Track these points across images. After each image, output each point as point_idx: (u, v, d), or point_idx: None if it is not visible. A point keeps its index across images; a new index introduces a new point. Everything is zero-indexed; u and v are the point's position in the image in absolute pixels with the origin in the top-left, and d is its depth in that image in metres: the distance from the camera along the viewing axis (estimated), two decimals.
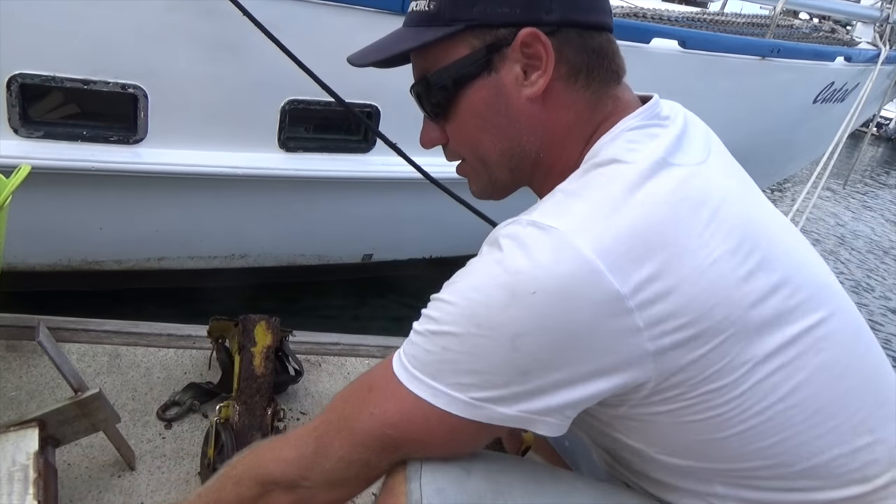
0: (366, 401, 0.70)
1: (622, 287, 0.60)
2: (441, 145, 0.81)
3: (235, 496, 0.76)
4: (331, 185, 2.63)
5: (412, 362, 0.67)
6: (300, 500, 0.74)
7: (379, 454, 0.70)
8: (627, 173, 0.65)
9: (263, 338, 1.43)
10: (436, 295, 0.68)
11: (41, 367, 1.48)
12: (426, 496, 0.69)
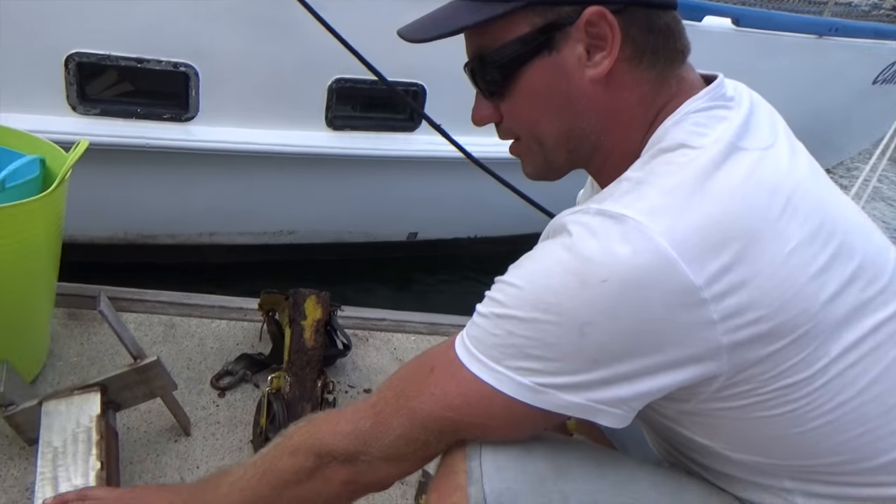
0: (427, 381, 0.69)
1: (697, 278, 0.58)
2: (494, 123, 0.79)
3: (291, 466, 0.77)
4: (376, 164, 2.65)
5: (476, 345, 0.66)
6: (356, 473, 0.74)
7: (438, 436, 0.70)
8: (698, 160, 0.62)
9: (313, 312, 1.45)
10: (501, 277, 0.67)
11: (101, 335, 1.54)
12: (486, 475, 0.68)
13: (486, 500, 0.67)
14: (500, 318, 0.65)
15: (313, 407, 1.29)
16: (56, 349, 1.47)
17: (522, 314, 0.63)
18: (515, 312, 0.63)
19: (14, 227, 1.15)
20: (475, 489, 0.67)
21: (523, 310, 0.63)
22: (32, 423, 1.14)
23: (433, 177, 2.83)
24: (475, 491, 0.67)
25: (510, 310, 0.64)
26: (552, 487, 0.68)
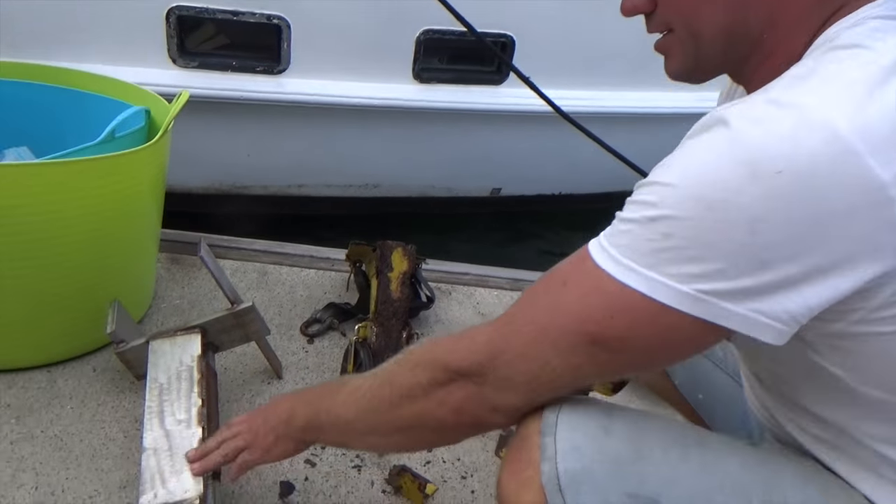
0: (561, 295, 0.64)
1: (884, 172, 0.51)
2: (644, 14, 0.71)
3: (409, 381, 0.75)
4: (462, 118, 2.62)
5: (623, 252, 0.60)
6: (470, 397, 0.71)
7: (567, 355, 0.64)
8: (880, 60, 0.56)
9: (400, 264, 1.47)
10: (645, 180, 0.61)
11: (201, 280, 1.62)
12: (561, 452, 0.66)
13: (559, 479, 0.65)
14: (653, 220, 0.59)
15: None
16: (160, 292, 1.56)
17: (682, 213, 0.57)
18: (673, 212, 0.57)
19: (123, 175, 1.22)
20: (548, 466, 0.66)
21: (683, 209, 0.57)
22: (140, 360, 1.22)
23: (519, 132, 2.78)
24: (548, 468, 0.66)
25: (666, 210, 0.58)
26: (629, 469, 0.65)
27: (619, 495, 0.64)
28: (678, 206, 0.57)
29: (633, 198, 0.62)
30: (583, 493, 0.64)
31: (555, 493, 0.64)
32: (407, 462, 1.25)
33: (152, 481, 0.99)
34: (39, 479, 1.09)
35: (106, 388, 1.28)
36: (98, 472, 1.12)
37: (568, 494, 0.64)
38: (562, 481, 0.64)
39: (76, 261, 1.22)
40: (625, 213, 0.62)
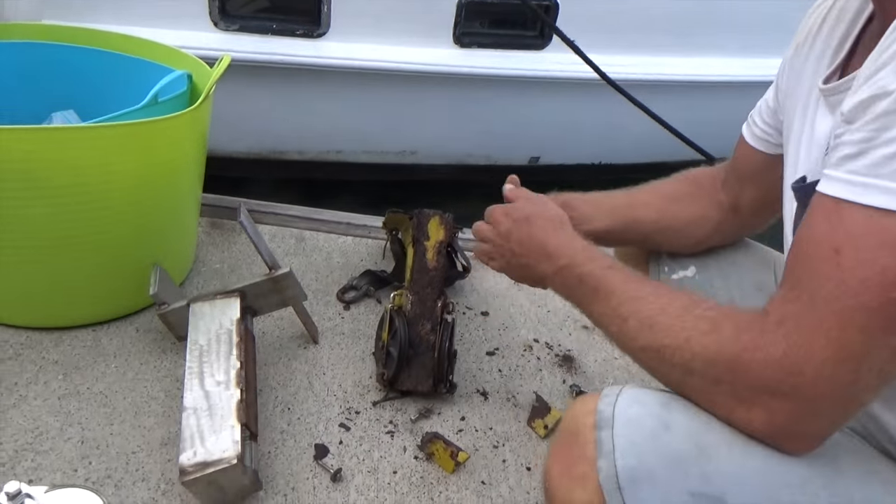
0: (841, 268, 0.55)
1: None
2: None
3: (691, 321, 0.65)
4: (503, 84, 2.58)
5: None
6: (776, 416, 0.60)
7: (881, 336, 0.54)
8: None
9: (436, 233, 1.46)
10: (886, 108, 0.53)
11: (240, 244, 1.64)
12: (619, 449, 0.62)
13: (618, 476, 0.62)
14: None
15: (433, 326, 1.32)
16: (201, 255, 1.59)
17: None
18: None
19: (167, 140, 1.23)
20: (606, 463, 0.62)
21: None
22: (182, 321, 1.24)
23: (560, 99, 2.73)
24: (606, 465, 0.62)
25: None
26: (692, 467, 0.61)
27: (681, 494, 0.61)
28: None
29: (871, 116, 0.54)
30: (643, 492, 0.61)
31: (613, 492, 0.62)
32: (439, 429, 1.26)
33: (192, 440, 1.02)
34: (85, 434, 1.13)
35: (148, 348, 1.31)
36: (140, 429, 1.15)
37: (627, 493, 0.61)
38: (621, 479, 0.62)
39: (120, 223, 1.24)
40: (877, 136, 0.53)
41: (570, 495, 0.65)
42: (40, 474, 1.05)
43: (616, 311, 0.74)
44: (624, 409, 0.65)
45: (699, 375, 0.64)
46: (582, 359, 1.51)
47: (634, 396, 0.67)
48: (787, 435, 0.60)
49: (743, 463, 0.61)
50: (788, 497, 0.61)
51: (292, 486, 1.11)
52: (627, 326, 0.71)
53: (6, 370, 1.21)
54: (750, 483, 0.61)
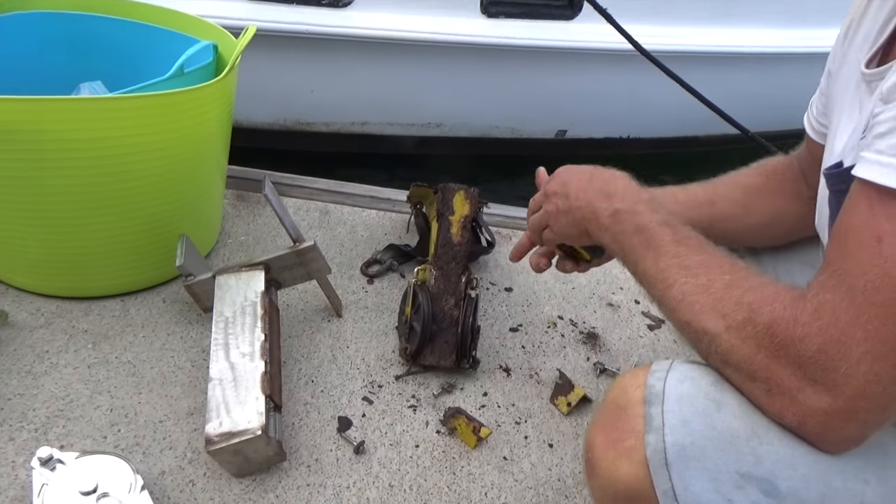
0: (883, 256, 0.52)
1: None
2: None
3: (731, 307, 0.63)
4: (531, 55, 2.53)
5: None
6: (812, 413, 0.58)
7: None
8: None
9: (461, 207, 1.45)
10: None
11: (265, 217, 1.64)
12: (669, 425, 0.61)
13: (666, 451, 0.61)
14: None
15: (457, 301, 1.32)
16: (227, 228, 1.59)
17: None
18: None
19: (192, 111, 1.22)
20: (654, 438, 0.62)
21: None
22: (208, 293, 1.25)
23: (589, 70, 2.67)
24: (654, 440, 0.62)
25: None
26: (743, 448, 0.60)
27: (730, 474, 0.60)
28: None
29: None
30: (691, 470, 0.60)
31: (660, 468, 0.61)
32: (462, 405, 1.26)
33: (217, 410, 1.03)
34: (114, 402, 1.15)
35: (175, 318, 1.33)
36: (167, 399, 1.17)
37: (674, 470, 0.61)
38: (669, 455, 0.61)
39: (147, 194, 1.25)
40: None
41: (615, 467, 0.65)
42: (71, 440, 1.08)
43: (662, 275, 0.71)
44: (675, 385, 0.64)
45: (734, 368, 0.63)
46: (606, 336, 1.49)
47: (685, 373, 0.66)
48: (821, 435, 0.59)
49: (796, 446, 0.60)
50: (841, 482, 0.60)
51: (316, 457, 1.12)
52: (670, 295, 0.69)
53: (38, 338, 1.24)
54: (802, 466, 0.59)
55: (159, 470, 1.06)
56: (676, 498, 0.61)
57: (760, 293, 0.62)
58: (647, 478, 0.62)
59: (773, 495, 0.59)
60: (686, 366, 0.67)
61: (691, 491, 0.60)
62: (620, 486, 0.65)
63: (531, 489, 1.14)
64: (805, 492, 0.59)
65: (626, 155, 3.17)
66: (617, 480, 0.65)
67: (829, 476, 0.60)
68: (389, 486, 1.10)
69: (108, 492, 0.93)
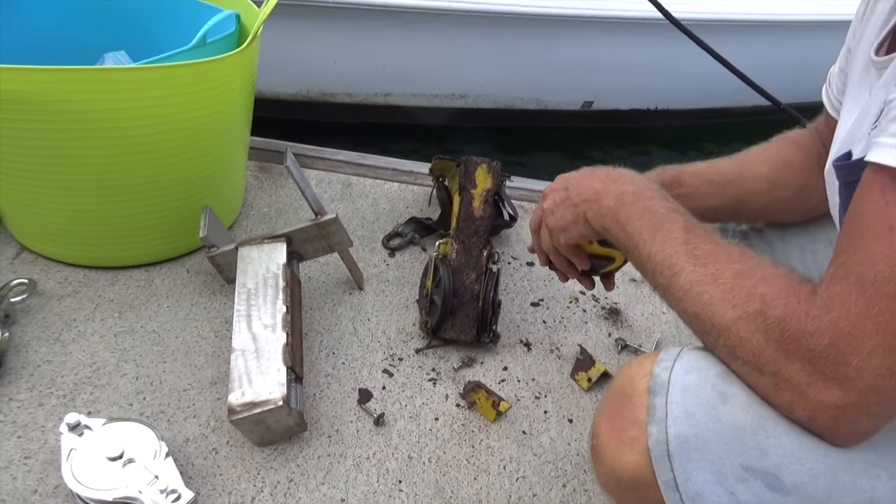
0: (893, 246, 0.51)
1: None
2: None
3: (742, 297, 0.61)
4: (556, 24, 2.48)
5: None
6: (822, 405, 0.56)
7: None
8: None
9: (484, 181, 1.44)
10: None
11: (287, 189, 1.64)
12: (672, 416, 0.60)
13: (668, 443, 0.60)
14: None
15: (478, 275, 1.31)
16: (249, 199, 1.60)
17: None
18: None
19: (215, 81, 1.22)
20: (657, 429, 0.61)
21: None
22: (231, 264, 1.26)
23: (616, 39, 2.62)
24: (657, 431, 0.61)
25: None
26: (748, 441, 0.59)
27: (734, 468, 0.59)
28: None
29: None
30: (693, 462, 0.59)
31: (662, 458, 0.60)
32: (481, 379, 1.27)
33: (240, 380, 1.05)
34: (139, 371, 1.17)
35: (199, 289, 1.34)
36: (191, 368, 1.19)
37: (677, 461, 0.60)
38: (671, 447, 0.60)
39: (172, 165, 1.25)
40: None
41: (618, 456, 0.65)
42: (98, 407, 1.10)
43: (669, 261, 0.68)
44: (680, 375, 0.63)
45: (742, 361, 0.61)
46: (629, 312, 1.48)
47: (692, 362, 0.64)
48: (833, 429, 0.57)
49: (803, 440, 0.58)
50: (849, 478, 0.58)
51: (336, 428, 1.14)
52: (677, 283, 0.66)
53: (66, 307, 1.26)
54: (809, 461, 0.58)
55: (183, 437, 1.08)
56: (678, 489, 0.60)
57: (774, 285, 0.60)
58: (650, 468, 0.61)
59: (778, 489, 0.58)
60: (694, 354, 0.65)
61: (693, 482, 0.60)
62: (623, 475, 0.65)
63: (550, 463, 1.14)
64: (812, 486, 0.58)
65: (653, 127, 3.11)
66: (620, 469, 0.65)
67: (837, 471, 0.58)
68: (409, 458, 1.11)
69: (134, 458, 0.95)
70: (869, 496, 0.58)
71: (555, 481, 1.12)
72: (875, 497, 0.58)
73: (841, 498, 0.58)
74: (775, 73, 2.32)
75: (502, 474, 1.12)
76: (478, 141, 2.85)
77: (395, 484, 1.07)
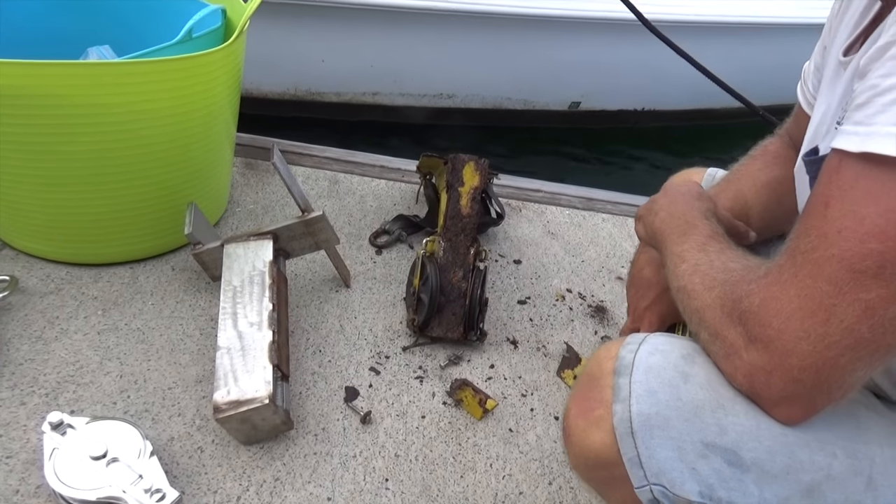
0: (826, 218, 0.53)
1: None
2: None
3: (709, 267, 0.66)
4: (544, 24, 2.49)
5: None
6: (752, 368, 0.58)
7: (850, 291, 0.51)
8: None
9: (471, 178, 1.44)
10: (893, 53, 0.50)
11: (274, 185, 1.64)
12: (635, 395, 0.62)
13: (632, 421, 0.62)
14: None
15: (465, 273, 1.31)
16: (235, 196, 1.59)
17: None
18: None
19: (201, 77, 1.21)
20: (621, 407, 0.63)
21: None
22: (216, 261, 1.25)
23: (603, 41, 2.63)
24: (621, 409, 0.63)
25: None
26: (708, 418, 0.60)
27: (694, 444, 0.60)
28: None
29: (880, 64, 0.51)
30: (656, 438, 0.61)
31: (626, 436, 0.62)
32: (468, 377, 1.26)
33: (225, 379, 1.04)
34: (124, 369, 1.16)
35: (184, 286, 1.33)
36: (176, 366, 1.18)
37: (640, 438, 0.62)
38: (634, 424, 0.62)
39: (156, 161, 1.24)
40: (882, 82, 0.50)
41: (586, 436, 0.66)
42: (81, 406, 1.09)
43: (681, 254, 0.73)
44: (645, 357, 0.65)
45: (705, 330, 0.64)
46: (615, 310, 1.49)
47: (657, 346, 0.66)
48: (764, 395, 0.59)
49: (760, 419, 0.60)
50: (807, 455, 0.60)
51: (323, 426, 1.13)
52: (680, 267, 0.71)
53: (48, 304, 1.24)
54: (767, 438, 0.60)
55: (168, 436, 1.07)
56: (642, 465, 0.62)
57: (745, 262, 0.64)
58: (615, 446, 0.63)
59: (737, 465, 0.60)
60: (659, 339, 0.68)
61: (656, 459, 0.61)
62: (591, 454, 0.66)
63: (536, 461, 1.15)
64: (769, 463, 0.60)
65: (641, 128, 3.13)
66: (588, 448, 0.66)
67: (794, 448, 0.60)
68: (395, 456, 1.11)
69: (118, 457, 0.94)
70: (825, 473, 0.60)
71: (541, 479, 1.12)
72: (831, 473, 0.60)
73: (798, 474, 0.60)
74: (757, 74, 2.35)
75: (489, 472, 1.12)
76: (466, 139, 2.85)
77: (381, 482, 1.07)
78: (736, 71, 2.17)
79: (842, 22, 0.77)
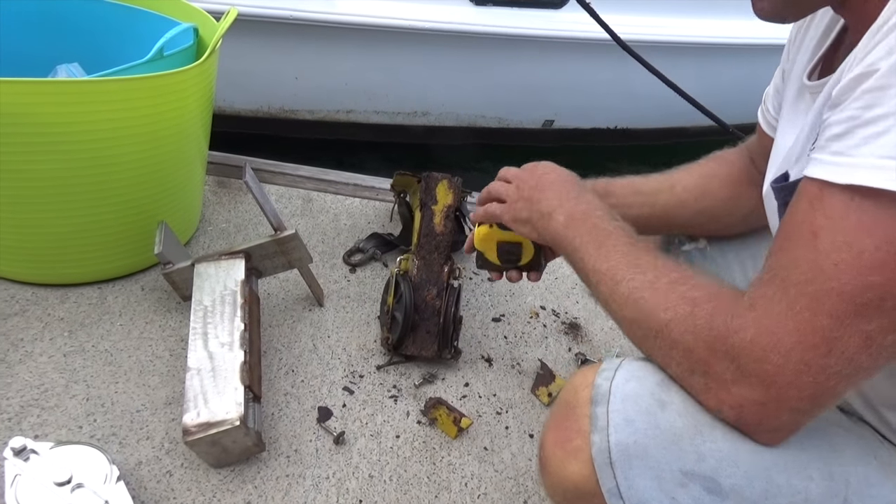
0: (818, 252, 0.52)
1: None
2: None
3: (674, 301, 0.63)
4: (518, 43, 2.52)
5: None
6: (749, 404, 0.58)
7: (854, 324, 0.51)
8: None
9: (445, 197, 1.44)
10: (868, 86, 0.50)
11: (247, 204, 1.62)
12: (613, 424, 0.61)
13: (610, 451, 0.61)
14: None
15: (439, 291, 1.31)
16: (207, 215, 1.57)
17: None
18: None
19: (172, 95, 1.20)
20: (599, 437, 0.62)
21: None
22: (187, 281, 1.24)
23: (577, 60, 2.67)
24: (599, 440, 0.62)
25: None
26: (687, 446, 0.60)
27: (673, 472, 0.60)
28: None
29: (857, 94, 0.51)
30: (635, 468, 0.61)
31: (604, 467, 0.61)
32: (443, 395, 1.26)
33: (195, 400, 1.02)
34: (90, 391, 1.13)
35: (153, 307, 1.31)
36: (145, 388, 1.16)
37: (619, 469, 0.61)
38: (613, 454, 0.61)
39: (126, 180, 1.22)
40: (862, 114, 0.50)
41: (563, 467, 0.65)
42: (45, 430, 1.06)
43: (611, 272, 0.72)
44: (621, 384, 0.64)
45: (676, 363, 0.63)
46: (588, 327, 1.50)
47: (633, 372, 0.66)
48: (756, 425, 0.58)
49: (739, 444, 0.60)
50: (784, 479, 0.60)
51: (295, 447, 1.12)
52: (618, 292, 0.70)
53: (12, 326, 1.21)
54: (745, 464, 0.60)
55: (136, 460, 1.05)
56: (622, 496, 0.61)
57: (705, 289, 0.63)
58: (594, 476, 0.62)
59: (716, 493, 0.60)
60: (635, 364, 0.67)
61: (635, 489, 0.61)
62: (569, 485, 0.65)
63: (511, 479, 1.14)
64: (748, 489, 0.59)
65: (615, 147, 3.17)
66: (566, 479, 0.65)
67: (771, 473, 0.60)
68: (369, 477, 1.10)
69: (83, 482, 0.92)
70: (803, 496, 0.60)
71: (516, 497, 1.12)
72: (809, 497, 0.60)
73: (777, 499, 0.60)
74: (728, 93, 2.40)
75: (464, 491, 1.11)
76: (441, 157, 2.86)
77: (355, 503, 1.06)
78: (708, 90, 2.22)
79: (801, 46, 0.79)
